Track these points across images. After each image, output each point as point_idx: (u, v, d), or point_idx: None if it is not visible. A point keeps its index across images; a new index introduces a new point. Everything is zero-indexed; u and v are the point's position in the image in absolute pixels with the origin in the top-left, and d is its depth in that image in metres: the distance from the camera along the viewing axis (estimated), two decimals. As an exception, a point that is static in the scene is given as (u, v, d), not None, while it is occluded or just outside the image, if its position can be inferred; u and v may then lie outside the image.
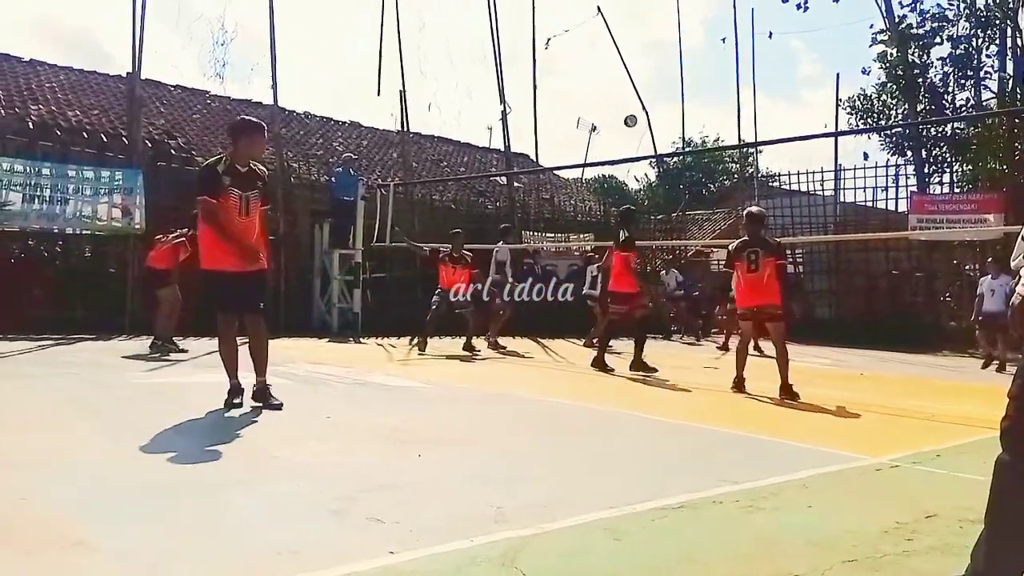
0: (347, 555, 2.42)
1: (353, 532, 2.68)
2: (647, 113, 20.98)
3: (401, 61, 16.72)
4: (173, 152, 14.07)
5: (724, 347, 12.66)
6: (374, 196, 13.43)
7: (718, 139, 34.56)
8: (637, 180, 37.81)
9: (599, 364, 8.56)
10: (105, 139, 13.38)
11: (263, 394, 5.16)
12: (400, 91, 16.66)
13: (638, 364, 8.33)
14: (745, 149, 22.07)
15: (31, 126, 12.73)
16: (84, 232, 12.05)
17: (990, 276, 11.17)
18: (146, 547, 2.47)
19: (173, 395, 5.73)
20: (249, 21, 54.51)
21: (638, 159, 23.60)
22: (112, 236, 12.14)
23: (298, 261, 13.92)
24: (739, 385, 7.14)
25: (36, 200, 11.32)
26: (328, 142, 18.72)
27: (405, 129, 17.29)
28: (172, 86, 18.28)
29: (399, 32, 16.81)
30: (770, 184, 21.80)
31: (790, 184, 18.93)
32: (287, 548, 2.46)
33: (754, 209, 7.67)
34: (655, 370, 8.18)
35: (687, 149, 28.00)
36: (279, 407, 5.10)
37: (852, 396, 7.14)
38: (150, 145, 13.72)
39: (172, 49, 47.82)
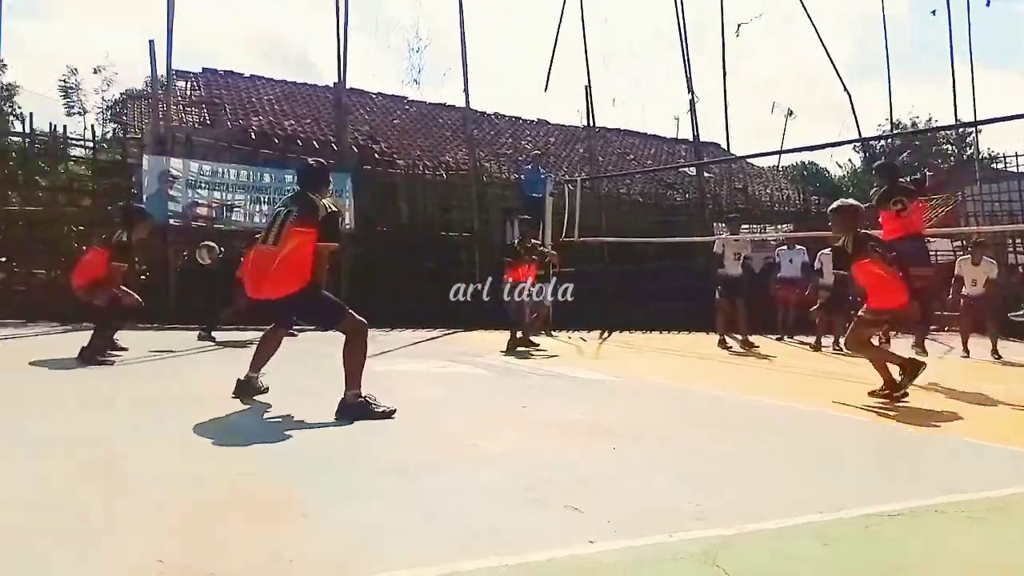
0: (547, 542, 2.47)
1: (552, 520, 2.73)
2: (849, 94, 19.63)
3: (586, 56, 16.81)
4: (376, 156, 15.02)
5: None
6: (562, 192, 13.58)
7: (931, 120, 31.69)
8: (840, 166, 35.54)
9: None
10: (316, 146, 14.56)
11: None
12: (585, 86, 16.74)
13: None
14: (962, 129, 20.03)
15: (253, 136, 14.11)
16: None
17: None
18: (363, 522, 2.66)
19: (379, 382, 6.08)
20: (441, 27, 56.99)
21: (840, 144, 22.13)
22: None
23: (492, 257, 14.39)
24: None
25: (259, 203, 12.54)
26: (516, 140, 19.18)
27: (591, 124, 17.34)
28: (374, 94, 19.52)
29: (583, 28, 16.89)
30: (994, 166, 19.66)
31: (1018, 166, 16.99)
32: (489, 532, 2.55)
33: None
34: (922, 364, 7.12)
35: (895, 131, 25.88)
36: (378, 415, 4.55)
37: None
38: (356, 150, 14.75)
39: (372, 57, 50.98)
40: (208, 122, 15.02)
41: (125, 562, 2.20)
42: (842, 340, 8.07)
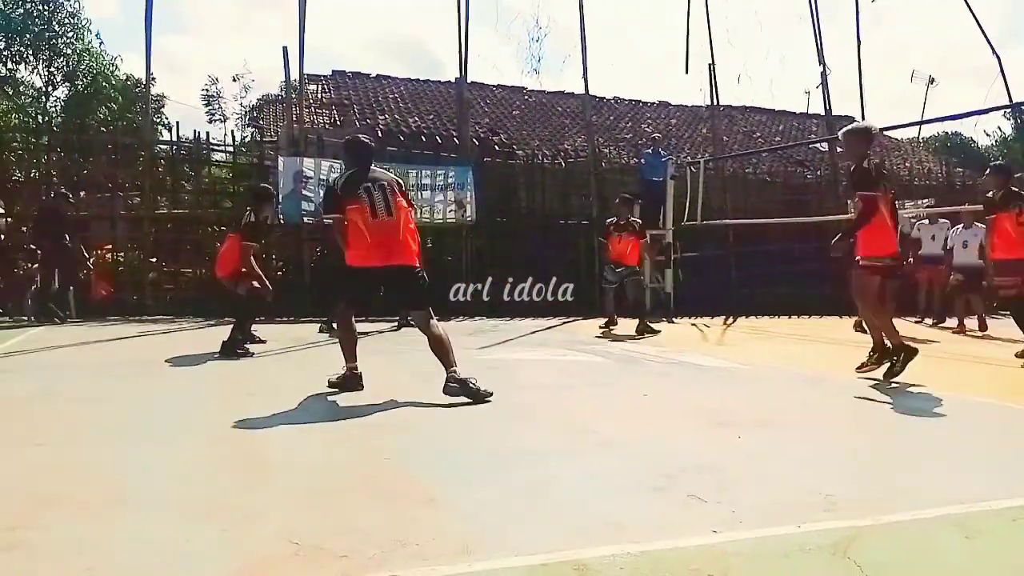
0: (670, 530, 2.46)
1: (675, 509, 2.71)
2: (999, 57, 18.10)
3: (709, 33, 16.31)
4: (497, 147, 15.23)
5: None
6: (683, 175, 13.31)
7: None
8: (988, 135, 33.03)
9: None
10: (440, 141, 14.92)
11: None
12: (709, 64, 16.28)
13: None
14: None
15: (379, 133, 14.61)
16: (424, 224, 13.53)
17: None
18: (487, 507, 2.73)
19: (506, 370, 6.19)
20: (560, 13, 56.78)
21: (987, 111, 20.39)
22: (449, 228, 13.48)
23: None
24: None
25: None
26: (636, 124, 18.93)
27: (715, 103, 16.86)
28: (494, 86, 19.77)
29: (707, 3, 16.40)
30: None
31: None
32: (611, 519, 2.56)
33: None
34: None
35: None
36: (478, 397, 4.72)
37: None
38: (477, 143, 15.00)
39: (493, 49, 51.55)
40: (338, 123, 15.68)
41: (263, 543, 2.36)
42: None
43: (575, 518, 2.60)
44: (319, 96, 17.33)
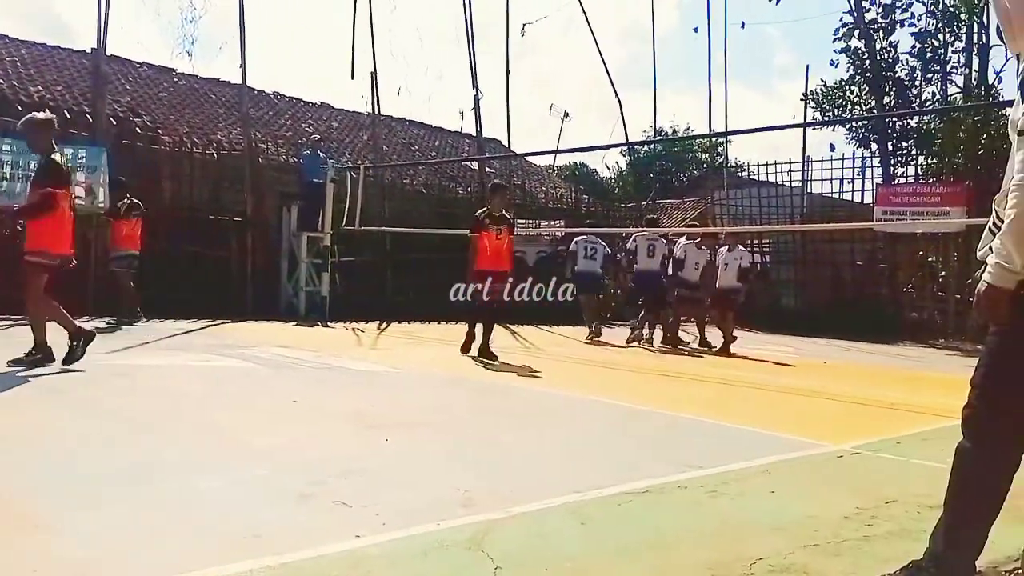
0: (314, 539, 2.41)
1: (320, 516, 2.67)
2: (619, 100, 21.04)
3: (373, 42, 16.60)
4: (139, 130, 13.80)
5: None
6: (344, 179, 13.29)
7: (689, 128, 34.70)
8: (608, 168, 37.82)
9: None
10: (69, 116, 13.08)
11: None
12: (371, 73, 16.50)
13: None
14: (715, 139, 22.18)
15: (-11, 100, 12.40)
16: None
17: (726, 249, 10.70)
18: (112, 531, 2.44)
19: (137, 377, 5.65)
20: (218, -3, 53.35)
21: (609, 147, 23.63)
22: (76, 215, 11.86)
23: (266, 243, 13.76)
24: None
25: (-1, 176, 11.04)
26: (297, 123, 18.48)
27: (376, 112, 17.12)
28: (138, 63, 17.91)
29: (371, 13, 16.63)
30: (739, 174, 21.97)
31: (758, 174, 19.11)
32: (253, 532, 2.44)
33: None
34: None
35: (658, 137, 28.08)
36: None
37: (815, 384, 7.27)
38: (115, 123, 13.45)
39: (139, 24, 46.77)
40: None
41: None
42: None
43: (216, 533, 2.44)
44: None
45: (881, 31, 17.86)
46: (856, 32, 17.68)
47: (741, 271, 10.36)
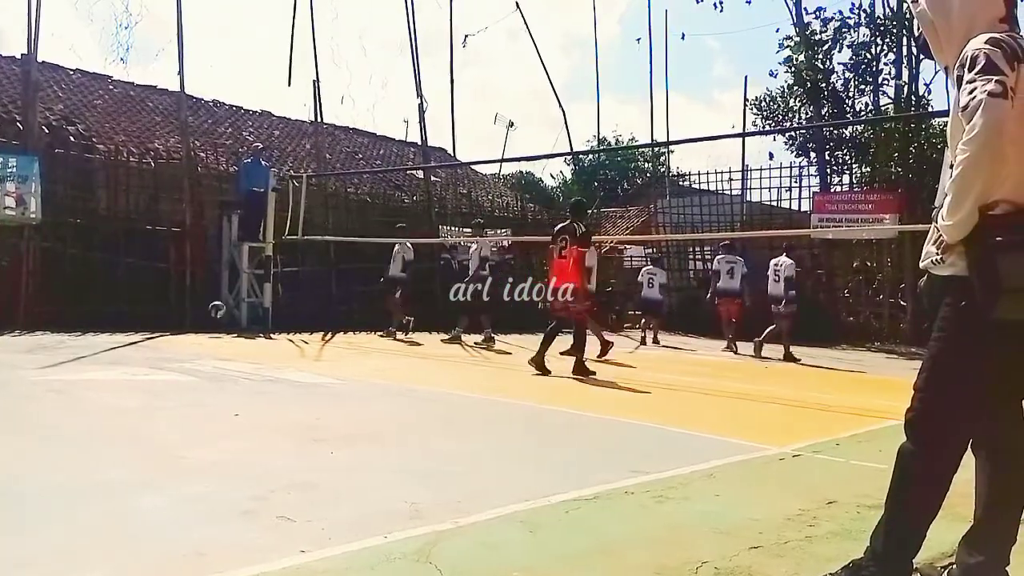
0: (257, 556, 2.36)
1: (263, 532, 2.62)
2: (563, 110, 21.25)
3: (315, 50, 16.30)
4: (72, 139, 13.38)
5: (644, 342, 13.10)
6: (286, 188, 13.09)
7: (632, 138, 35.17)
8: (553, 177, 38.05)
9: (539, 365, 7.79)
10: (-3, 124, 12.61)
11: None
12: (313, 81, 16.26)
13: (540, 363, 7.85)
14: (657, 148, 22.55)
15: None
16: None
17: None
18: (47, 552, 2.35)
19: (73, 393, 5.45)
20: (155, 2, 52.16)
21: (554, 156, 23.89)
22: (4, 226, 11.43)
23: (205, 253, 13.45)
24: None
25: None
26: (238, 131, 18.15)
27: (318, 120, 16.93)
28: (72, 70, 17.38)
29: (312, 21, 16.42)
30: (681, 183, 22.34)
31: (699, 183, 19.47)
32: (194, 550, 2.38)
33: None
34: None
35: (601, 147, 28.37)
36: None
37: (757, 388, 7.42)
38: (47, 131, 13.00)
39: (71, 29, 45.30)
40: None
41: None
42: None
43: (152, 553, 2.38)
44: None
45: (826, 45, 18.37)
46: (799, 46, 18.15)
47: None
